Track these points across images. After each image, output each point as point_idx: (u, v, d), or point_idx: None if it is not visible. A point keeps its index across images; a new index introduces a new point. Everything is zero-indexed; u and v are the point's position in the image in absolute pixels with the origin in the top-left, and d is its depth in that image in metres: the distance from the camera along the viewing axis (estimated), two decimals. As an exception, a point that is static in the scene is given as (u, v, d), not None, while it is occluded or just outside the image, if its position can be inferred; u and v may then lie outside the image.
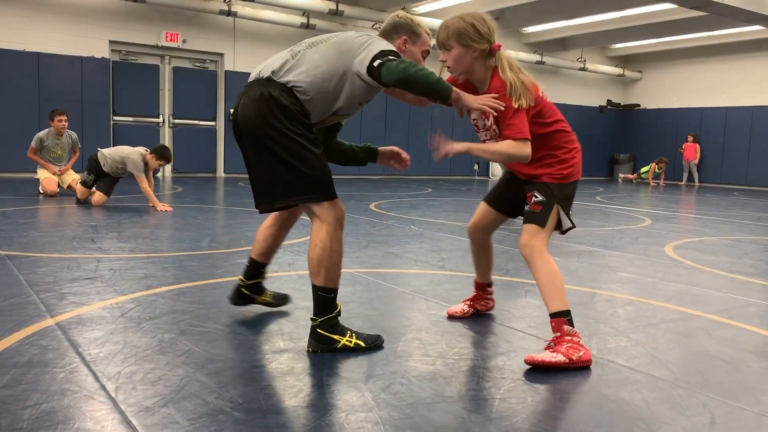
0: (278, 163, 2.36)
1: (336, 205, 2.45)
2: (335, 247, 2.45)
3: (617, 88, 19.53)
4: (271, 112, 2.33)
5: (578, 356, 2.30)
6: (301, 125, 2.37)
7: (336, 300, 2.49)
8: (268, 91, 2.35)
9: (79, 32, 11.56)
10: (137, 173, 6.78)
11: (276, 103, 2.33)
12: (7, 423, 1.72)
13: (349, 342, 2.42)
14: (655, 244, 5.56)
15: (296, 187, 2.38)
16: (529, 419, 1.88)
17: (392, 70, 2.27)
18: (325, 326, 2.43)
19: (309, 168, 2.36)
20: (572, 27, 15.53)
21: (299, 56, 2.42)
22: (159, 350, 2.36)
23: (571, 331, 2.35)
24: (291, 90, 2.37)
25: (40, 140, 7.86)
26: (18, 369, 2.11)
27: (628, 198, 11.47)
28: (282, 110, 2.33)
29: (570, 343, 2.33)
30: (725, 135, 16.89)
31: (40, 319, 2.68)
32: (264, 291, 2.97)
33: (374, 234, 5.53)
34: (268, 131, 2.34)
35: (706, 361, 2.47)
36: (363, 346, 2.43)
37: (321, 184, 2.39)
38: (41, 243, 4.52)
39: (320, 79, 2.37)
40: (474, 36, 2.37)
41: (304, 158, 2.35)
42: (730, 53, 16.71)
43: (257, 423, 1.79)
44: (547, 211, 2.43)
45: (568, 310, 2.37)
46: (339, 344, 2.41)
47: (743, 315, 3.19)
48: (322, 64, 2.38)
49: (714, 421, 1.91)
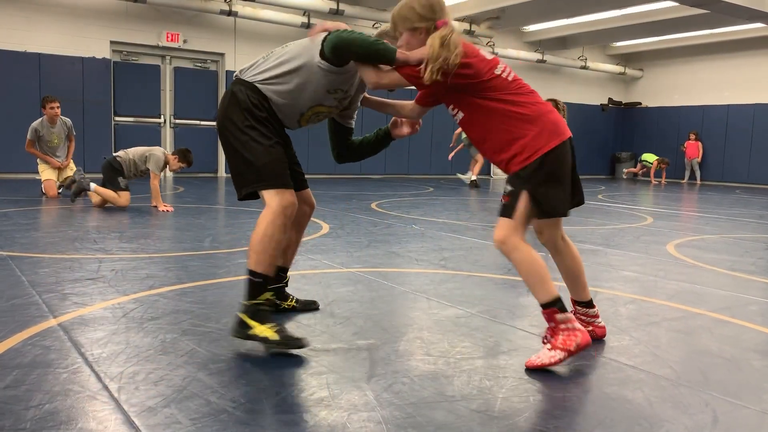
0: (234, 154, 2.50)
1: (283, 194, 2.46)
2: (271, 232, 2.43)
3: (618, 87, 19.52)
4: (229, 107, 2.51)
5: (577, 344, 2.28)
6: (253, 118, 2.47)
7: (266, 288, 2.44)
8: (232, 90, 2.52)
9: (79, 33, 11.57)
10: (155, 170, 6.82)
11: (235, 99, 2.49)
12: (11, 423, 1.72)
13: (262, 332, 2.37)
14: (656, 242, 5.56)
15: (247, 177, 2.49)
16: (531, 418, 1.89)
17: (329, 39, 2.34)
18: (248, 311, 2.41)
19: (255, 158, 2.45)
20: (573, 25, 15.52)
21: (269, 54, 2.55)
22: (161, 350, 2.36)
23: (565, 318, 2.30)
24: (255, 86, 2.49)
25: (35, 131, 7.72)
26: (21, 369, 2.11)
27: (630, 196, 11.46)
28: (238, 104, 2.48)
29: (566, 331, 2.29)
30: (727, 133, 16.87)
31: (42, 319, 2.68)
32: (288, 296, 2.98)
33: (375, 233, 5.53)
34: (227, 125, 2.51)
35: (708, 360, 2.46)
36: (274, 340, 2.35)
37: (267, 172, 2.45)
38: (43, 243, 4.53)
39: (282, 71, 2.47)
40: (415, 18, 2.36)
41: (252, 149, 2.46)
42: (731, 51, 16.68)
43: (259, 423, 1.79)
44: (514, 201, 2.33)
45: (557, 298, 2.30)
46: (251, 331, 2.38)
47: (745, 313, 3.19)
48: (285, 57, 2.49)
49: (716, 419, 1.91)
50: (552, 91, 17.79)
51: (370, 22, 13.61)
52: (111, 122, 11.97)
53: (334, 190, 10.35)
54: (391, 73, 2.35)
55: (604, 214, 7.99)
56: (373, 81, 2.37)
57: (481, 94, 2.33)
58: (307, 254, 4.36)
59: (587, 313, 2.65)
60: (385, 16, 13.40)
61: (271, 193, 2.45)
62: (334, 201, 8.43)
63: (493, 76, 2.33)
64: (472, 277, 3.86)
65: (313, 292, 3.30)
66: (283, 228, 2.46)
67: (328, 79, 2.48)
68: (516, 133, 2.32)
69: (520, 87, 2.38)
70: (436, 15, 2.36)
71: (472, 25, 14.35)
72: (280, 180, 2.47)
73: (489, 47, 15.57)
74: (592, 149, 18.66)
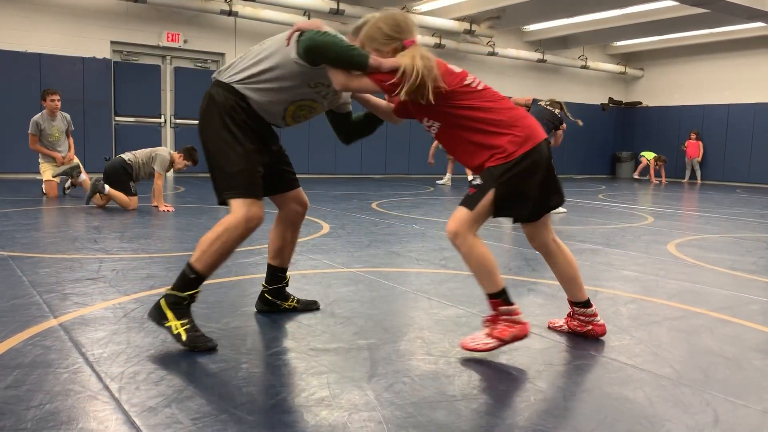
0: (210, 158, 2.48)
1: (251, 206, 2.42)
2: (225, 238, 2.40)
3: (619, 86, 19.51)
4: (206, 110, 2.48)
5: (513, 335, 2.38)
6: (231, 122, 2.43)
7: (196, 284, 2.43)
8: (210, 92, 2.48)
9: (80, 33, 11.58)
10: (161, 170, 6.83)
11: (212, 101, 2.46)
12: (11, 423, 1.72)
13: (174, 327, 2.36)
14: (657, 241, 5.55)
15: (219, 182, 2.47)
16: (531, 417, 1.88)
17: (303, 39, 2.31)
18: (169, 300, 2.40)
19: (228, 164, 2.43)
20: (573, 25, 15.52)
21: (246, 53, 2.51)
22: (162, 350, 2.36)
23: (508, 310, 2.38)
24: (233, 87, 2.44)
25: (37, 124, 7.68)
26: (21, 369, 2.11)
27: (630, 196, 11.46)
28: (215, 107, 2.44)
29: (506, 322, 2.38)
30: (727, 132, 16.87)
31: (43, 319, 2.69)
32: (289, 297, 2.97)
33: (376, 233, 5.53)
34: (204, 128, 2.49)
35: (709, 359, 2.46)
36: (182, 339, 2.34)
37: (237, 181, 2.42)
38: (44, 244, 4.53)
39: (260, 69, 2.43)
40: (382, 39, 2.38)
41: (225, 154, 2.43)
42: (731, 50, 16.68)
43: (260, 423, 1.79)
44: (480, 195, 2.34)
45: (502, 289, 2.38)
46: (166, 323, 2.38)
47: (746, 312, 3.19)
48: (263, 55, 2.45)
49: (717, 418, 1.91)
50: (552, 90, 17.80)
51: (371, 21, 13.60)
52: (111, 122, 11.97)
53: (334, 190, 10.35)
54: (362, 78, 2.33)
55: (604, 213, 7.99)
56: (341, 83, 2.34)
57: (452, 103, 2.36)
58: (308, 254, 4.36)
59: (585, 313, 2.67)
60: (386, 15, 13.39)
61: (239, 202, 2.42)
62: (334, 201, 8.43)
63: (463, 86, 2.37)
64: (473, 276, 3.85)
65: (314, 292, 3.30)
66: (240, 239, 2.42)
67: (307, 75, 2.43)
68: (491, 138, 2.35)
69: (492, 95, 2.42)
70: (403, 35, 2.37)
71: (473, 24, 14.34)
72: (249, 190, 2.43)
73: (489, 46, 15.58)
74: (592, 149, 18.66)
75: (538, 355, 2.45)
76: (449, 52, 15.53)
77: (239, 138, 2.43)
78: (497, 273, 2.39)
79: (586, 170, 18.70)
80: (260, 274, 3.69)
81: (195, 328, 2.39)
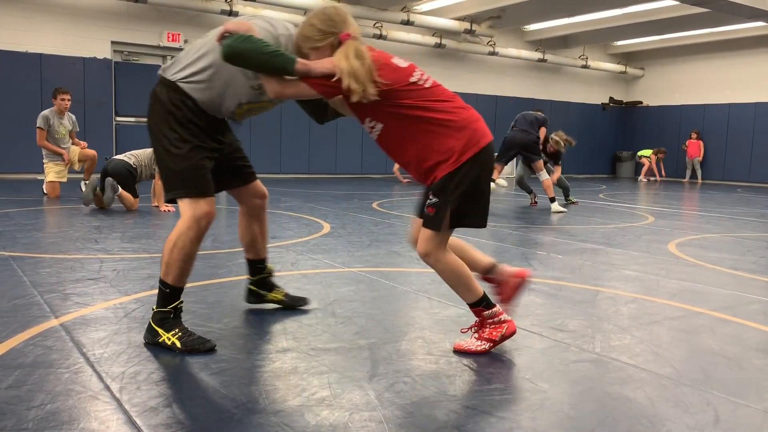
0: (158, 159, 2.47)
1: (197, 204, 2.39)
2: (181, 244, 2.38)
3: (619, 86, 19.51)
4: (151, 109, 2.46)
5: (501, 335, 2.43)
6: (174, 121, 2.39)
7: (174, 297, 2.43)
8: (154, 91, 2.45)
9: (80, 33, 11.58)
10: None
11: (156, 101, 2.43)
12: (13, 423, 1.73)
13: (168, 340, 2.36)
14: (658, 241, 5.55)
15: (166, 182, 2.46)
16: (532, 417, 1.88)
17: (223, 46, 2.21)
18: (155, 318, 2.42)
19: (173, 163, 2.40)
20: (574, 24, 15.51)
21: (189, 47, 2.47)
22: (163, 350, 2.36)
23: (491, 313, 2.43)
24: (177, 85, 2.40)
25: (47, 119, 7.67)
26: (23, 370, 2.11)
27: (631, 195, 11.45)
28: (159, 107, 2.42)
29: (492, 324, 2.43)
30: (728, 132, 16.86)
31: (44, 319, 2.69)
32: (274, 287, 2.97)
33: (377, 233, 5.53)
34: (151, 127, 2.46)
35: (709, 359, 2.46)
36: (178, 347, 2.34)
37: (182, 179, 2.40)
38: (45, 244, 4.53)
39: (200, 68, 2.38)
40: (316, 36, 2.28)
41: (170, 153, 2.41)
42: (732, 50, 16.67)
43: (261, 422, 1.79)
44: (442, 212, 2.29)
45: (482, 296, 2.42)
46: (160, 339, 2.38)
47: (747, 312, 3.19)
48: (203, 51, 2.39)
49: (718, 418, 1.91)
50: (553, 90, 17.80)
51: (371, 21, 13.61)
52: (112, 122, 11.98)
53: (334, 190, 10.34)
54: (297, 83, 2.23)
55: (605, 213, 7.99)
56: (274, 92, 2.25)
57: (397, 102, 2.24)
58: (309, 254, 4.36)
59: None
60: (386, 15, 13.40)
61: (185, 202, 2.40)
62: (335, 200, 8.43)
63: (408, 84, 2.25)
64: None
65: (315, 292, 3.30)
66: (197, 240, 2.40)
67: (246, 74, 2.36)
68: (438, 140, 2.26)
69: (440, 93, 2.31)
70: (338, 28, 2.27)
71: (473, 24, 14.33)
72: (195, 188, 2.39)
73: (489, 46, 15.57)
74: (592, 148, 18.65)
75: (538, 355, 2.45)
76: (449, 51, 15.54)
77: (184, 136, 2.39)
78: (474, 281, 2.42)
79: (586, 170, 18.70)
80: (261, 274, 3.69)
81: (188, 333, 2.39)
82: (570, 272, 4.05)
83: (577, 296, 3.41)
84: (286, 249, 4.57)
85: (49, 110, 7.79)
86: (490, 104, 16.44)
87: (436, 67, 15.61)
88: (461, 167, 2.26)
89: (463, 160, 2.26)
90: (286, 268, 3.92)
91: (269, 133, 13.37)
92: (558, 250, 4.88)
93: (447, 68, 15.81)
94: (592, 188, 12.94)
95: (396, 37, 14.14)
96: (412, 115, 2.26)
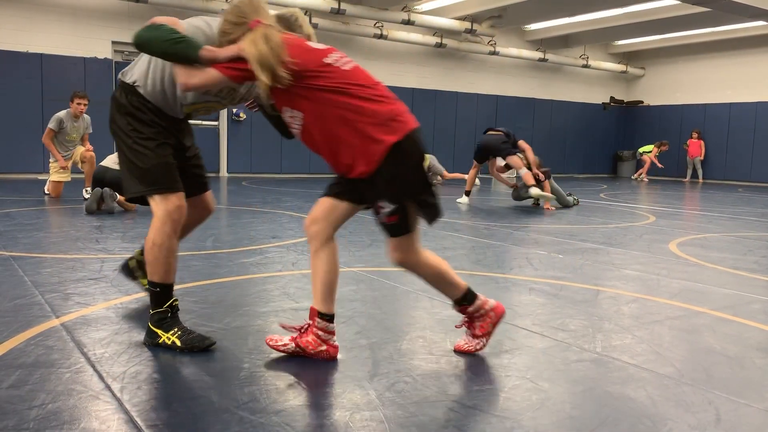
0: (123, 157, 2.50)
1: (167, 199, 2.43)
2: (159, 241, 2.41)
3: (620, 85, 19.49)
4: (113, 114, 2.52)
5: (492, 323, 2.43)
6: (136, 121, 2.46)
7: (166, 295, 2.45)
8: (113, 95, 2.52)
9: (81, 33, 11.59)
10: None
11: (116, 103, 2.52)
12: (14, 423, 1.73)
13: (167, 340, 2.38)
14: (659, 241, 5.55)
15: (132, 180, 2.48)
16: (533, 417, 1.88)
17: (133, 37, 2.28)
18: (153, 320, 2.43)
19: (140, 161, 2.45)
20: (575, 24, 15.51)
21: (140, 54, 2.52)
22: (163, 350, 2.36)
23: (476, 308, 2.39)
24: (134, 89, 2.47)
25: (60, 121, 7.69)
26: (24, 369, 2.11)
27: (632, 195, 11.45)
28: (119, 109, 2.49)
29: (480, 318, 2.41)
30: (729, 131, 16.84)
31: (45, 319, 2.69)
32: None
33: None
34: (114, 129, 2.53)
35: (711, 358, 2.46)
36: (178, 346, 2.35)
37: (150, 177, 2.44)
38: (46, 244, 4.53)
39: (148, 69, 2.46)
40: (230, 29, 2.29)
41: (136, 152, 2.46)
42: (733, 49, 16.66)
43: (262, 422, 1.79)
44: (403, 217, 2.21)
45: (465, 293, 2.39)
46: (160, 340, 2.40)
47: (748, 311, 3.18)
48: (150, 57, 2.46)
49: (719, 417, 1.91)
50: (553, 89, 17.79)
51: (372, 21, 13.61)
52: (113, 122, 11.97)
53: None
54: (205, 72, 2.19)
55: (606, 212, 7.98)
56: (181, 81, 2.23)
57: (311, 84, 2.15)
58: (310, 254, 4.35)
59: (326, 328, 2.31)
60: (387, 15, 13.39)
61: (156, 199, 2.44)
62: (336, 200, 8.42)
63: (322, 65, 2.16)
64: (475, 276, 3.86)
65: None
66: (172, 234, 2.43)
67: None
68: (358, 127, 2.14)
69: (361, 77, 2.21)
70: (248, 17, 2.26)
71: (474, 24, 14.33)
72: (163, 184, 2.44)
73: (490, 46, 15.56)
74: (593, 148, 18.64)
75: (539, 355, 2.45)
76: (450, 51, 15.53)
77: (149, 134, 2.46)
78: (455, 278, 2.39)
79: (587, 169, 18.68)
80: (261, 274, 3.69)
81: (188, 332, 2.40)
82: (571, 272, 4.05)
83: (578, 296, 3.41)
84: (287, 249, 4.57)
85: (64, 112, 7.82)
86: (491, 104, 16.44)
87: (437, 67, 15.61)
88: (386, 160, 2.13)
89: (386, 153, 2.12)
90: (287, 268, 3.92)
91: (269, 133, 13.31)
92: (559, 250, 4.88)
93: (448, 68, 15.81)
94: (593, 188, 12.93)
95: (396, 36, 14.14)
96: (328, 99, 2.15)
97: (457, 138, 15.71)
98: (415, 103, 14.97)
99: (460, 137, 15.73)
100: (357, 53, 14.22)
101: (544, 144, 17.40)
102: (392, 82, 14.77)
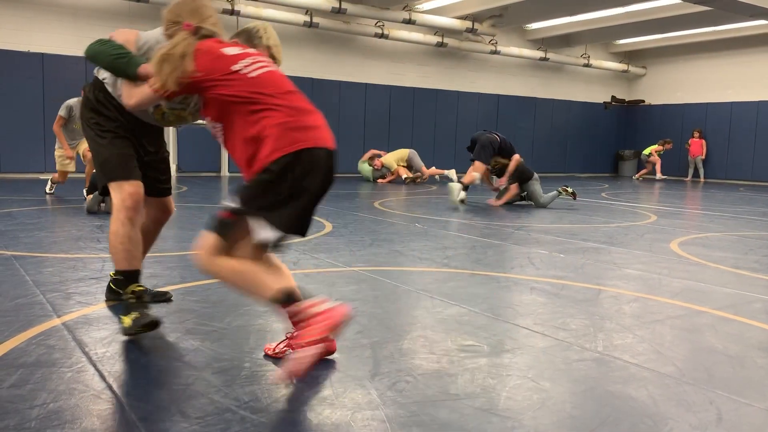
0: (93, 156, 2.62)
1: (121, 187, 2.51)
2: (115, 229, 2.48)
3: (621, 84, 19.48)
4: (83, 106, 2.67)
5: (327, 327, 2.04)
6: (98, 115, 2.59)
7: (128, 282, 2.51)
8: (83, 89, 2.66)
9: (82, 32, 11.59)
10: None
11: (85, 98, 2.65)
12: (15, 422, 1.73)
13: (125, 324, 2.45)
14: (660, 240, 5.55)
15: (97, 173, 2.60)
16: (535, 416, 1.88)
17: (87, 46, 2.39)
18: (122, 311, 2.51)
19: (99, 153, 2.57)
20: (576, 23, 15.49)
21: None
22: (165, 349, 2.36)
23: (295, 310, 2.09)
24: (102, 83, 2.58)
25: (70, 108, 7.66)
26: (25, 369, 2.12)
27: (633, 194, 11.44)
28: (86, 103, 2.62)
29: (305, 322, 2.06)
30: (730, 130, 16.83)
31: (46, 319, 2.69)
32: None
33: (379, 232, 5.53)
34: (82, 123, 2.67)
35: (712, 358, 2.46)
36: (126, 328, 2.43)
37: (107, 167, 2.54)
38: (47, 243, 4.54)
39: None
40: (168, 27, 2.33)
41: (97, 144, 2.58)
42: (735, 48, 16.64)
43: (263, 422, 1.79)
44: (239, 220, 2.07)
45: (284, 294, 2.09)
46: (124, 324, 2.47)
47: (749, 311, 3.18)
48: None
49: (720, 417, 1.91)
50: (555, 89, 17.78)
51: (373, 20, 13.60)
52: (114, 122, 11.99)
53: (336, 189, 10.34)
54: (141, 89, 2.19)
55: (607, 212, 7.98)
56: (125, 99, 2.26)
57: (214, 93, 2.11)
58: (311, 253, 4.36)
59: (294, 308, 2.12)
60: (388, 14, 13.39)
61: (112, 187, 2.53)
62: (336, 200, 8.43)
63: (228, 73, 2.10)
64: (476, 275, 3.86)
65: (317, 291, 3.30)
66: (128, 221, 2.49)
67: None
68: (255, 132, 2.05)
69: (266, 85, 2.11)
70: (182, 18, 2.26)
71: (475, 23, 14.33)
72: (117, 173, 2.52)
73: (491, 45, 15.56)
74: (594, 147, 18.63)
75: (540, 354, 2.45)
76: (451, 50, 15.53)
77: (108, 127, 2.58)
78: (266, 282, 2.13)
79: (588, 169, 18.67)
80: (263, 273, 3.69)
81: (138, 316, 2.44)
82: (572, 271, 4.05)
83: (579, 295, 3.41)
84: (287, 248, 4.57)
85: (75, 100, 7.74)
86: (492, 103, 16.43)
87: (438, 66, 15.61)
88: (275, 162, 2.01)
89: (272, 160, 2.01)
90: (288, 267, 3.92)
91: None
92: (560, 249, 4.88)
93: (449, 67, 15.80)
94: (594, 187, 12.93)
95: (398, 36, 14.14)
96: (232, 107, 2.09)
97: (458, 137, 15.70)
98: (416, 103, 14.97)
99: (460, 136, 15.72)
100: (358, 52, 14.22)
101: (546, 143, 17.41)
102: (393, 82, 14.78)
